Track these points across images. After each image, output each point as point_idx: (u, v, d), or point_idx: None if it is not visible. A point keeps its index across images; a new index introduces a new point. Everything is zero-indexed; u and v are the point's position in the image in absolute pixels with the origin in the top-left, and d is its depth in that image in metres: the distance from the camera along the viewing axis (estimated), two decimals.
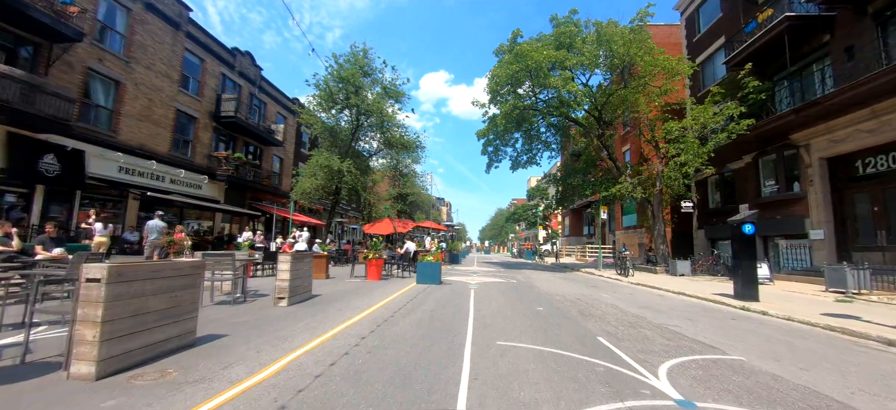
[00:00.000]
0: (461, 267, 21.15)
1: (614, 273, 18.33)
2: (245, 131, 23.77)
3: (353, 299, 8.90)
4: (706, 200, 21.15)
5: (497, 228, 78.97)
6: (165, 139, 19.28)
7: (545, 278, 16.11)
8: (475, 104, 21.70)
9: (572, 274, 19.18)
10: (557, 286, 13.10)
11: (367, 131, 23.20)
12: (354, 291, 10.17)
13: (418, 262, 12.09)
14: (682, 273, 17.61)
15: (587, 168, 22.33)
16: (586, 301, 9.75)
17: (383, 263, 13.23)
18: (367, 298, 9.08)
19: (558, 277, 16.93)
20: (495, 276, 16.17)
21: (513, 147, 23.49)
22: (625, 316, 7.81)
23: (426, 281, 11.92)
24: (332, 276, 13.54)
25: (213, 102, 22.01)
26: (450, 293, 10.39)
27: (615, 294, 11.54)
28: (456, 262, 23.16)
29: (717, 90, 17.34)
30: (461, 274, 17.00)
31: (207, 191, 21.57)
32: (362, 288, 10.77)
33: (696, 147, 17.32)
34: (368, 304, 8.22)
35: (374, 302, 8.57)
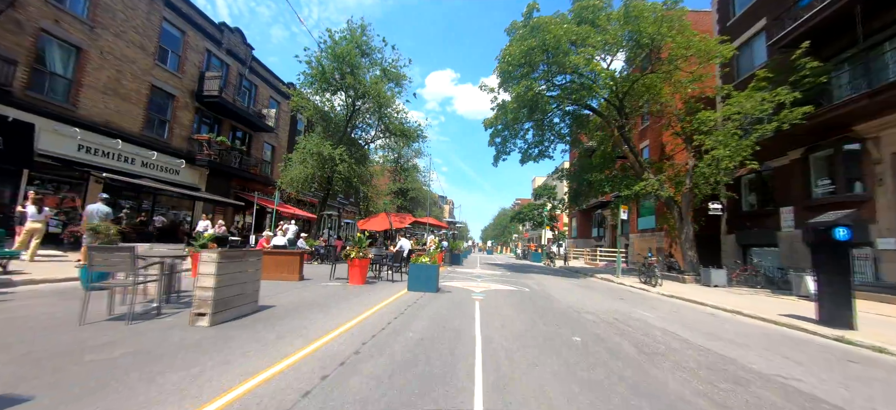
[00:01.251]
0: (463, 270, 18.59)
1: (637, 281, 15.75)
2: (232, 114, 21.32)
3: (315, 315, 6.36)
4: (737, 202, 18.47)
5: (500, 228, 76.20)
6: (137, 117, 16.87)
7: (561, 286, 13.53)
8: (483, 89, 19.14)
9: (588, 281, 16.58)
10: (580, 297, 10.53)
11: (364, 117, 20.68)
12: (323, 301, 7.64)
13: (411, 264, 9.56)
14: (717, 283, 14.98)
15: (604, 163, 19.70)
16: (627, 323, 7.18)
17: (369, 264, 10.72)
18: (336, 314, 6.55)
19: (575, 285, 14.35)
20: (503, 282, 13.61)
21: (523, 138, 20.91)
22: (701, 355, 5.22)
23: (420, 287, 9.39)
24: (308, 278, 11.03)
25: (195, 80, 19.58)
26: (448, 306, 7.84)
27: (655, 311, 8.95)
28: (457, 263, 20.67)
29: (764, 74, 14.67)
30: (463, 277, 14.45)
31: (186, 178, 19.14)
32: (336, 297, 8.24)
33: (736, 139, 14.69)
34: (331, 325, 5.68)
35: (342, 320, 6.04)
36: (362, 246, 10.18)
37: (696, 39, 16.22)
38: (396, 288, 9.98)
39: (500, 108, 19.54)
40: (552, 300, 9.61)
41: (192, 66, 19.40)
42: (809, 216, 14.82)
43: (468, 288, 10.96)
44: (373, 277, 11.74)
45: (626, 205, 18.36)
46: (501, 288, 11.30)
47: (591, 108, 19.06)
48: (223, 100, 19.88)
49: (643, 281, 15.12)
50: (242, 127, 22.79)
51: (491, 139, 20.75)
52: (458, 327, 5.96)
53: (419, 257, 9.71)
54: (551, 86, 17.36)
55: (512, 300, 9.15)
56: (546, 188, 36.41)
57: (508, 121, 19.56)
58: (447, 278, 13.66)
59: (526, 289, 11.44)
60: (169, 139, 18.42)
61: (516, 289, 11.36)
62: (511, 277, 15.76)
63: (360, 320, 6.12)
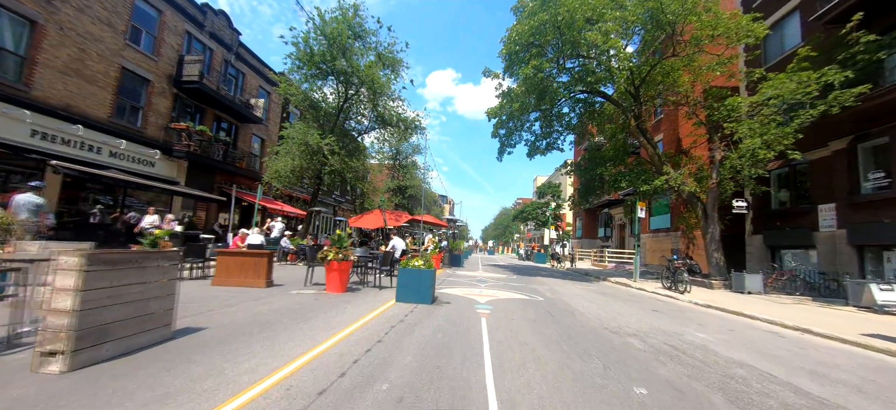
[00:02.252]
0: (464, 272, 16.57)
1: (659, 286, 13.74)
2: (216, 103, 19.33)
3: (256, 345, 4.36)
4: (765, 199, 16.45)
5: (501, 228, 74.02)
6: (104, 102, 14.88)
7: (577, 292, 11.52)
8: (487, 74, 17.15)
9: (604, 286, 14.58)
10: (606, 309, 8.51)
11: (358, 106, 18.68)
12: (279, 320, 5.65)
13: (399, 268, 7.55)
14: (751, 289, 12.97)
15: (618, 156, 17.68)
16: (687, 352, 5.18)
17: (351, 267, 8.72)
18: (285, 342, 4.55)
19: (592, 291, 12.34)
20: (510, 287, 11.61)
21: (529, 131, 18.91)
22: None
23: (411, 298, 7.39)
24: (279, 284, 9.05)
25: (173, 64, 17.59)
26: (446, 328, 5.82)
27: (706, 330, 6.95)
28: (458, 264, 18.68)
29: (806, 52, 12.66)
30: (464, 282, 12.44)
31: (162, 170, 17.16)
32: (299, 313, 6.24)
33: (774, 126, 12.70)
34: (267, 368, 3.68)
35: (288, 356, 4.03)
36: (342, 245, 8.19)
37: (725, 17, 14.22)
38: (383, 297, 7.99)
39: (504, 96, 17.55)
40: (575, 314, 7.60)
41: (169, 48, 17.42)
42: (855, 214, 12.85)
43: (471, 296, 8.96)
44: (357, 283, 9.75)
45: (644, 201, 16.34)
46: (510, 297, 9.29)
47: (606, 96, 17.05)
48: (205, 87, 17.90)
49: (668, 286, 13.11)
50: (228, 117, 20.80)
51: (494, 130, 18.76)
52: (459, 370, 3.93)
53: (411, 260, 7.71)
54: (562, 70, 15.33)
55: (527, 315, 7.14)
56: (550, 186, 34.40)
57: (513, 111, 17.56)
58: (446, 283, 11.66)
59: (539, 298, 9.43)
60: (143, 127, 16.44)
61: (528, 298, 9.35)
62: (518, 282, 13.75)
63: (316, 354, 4.12)
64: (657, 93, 17.51)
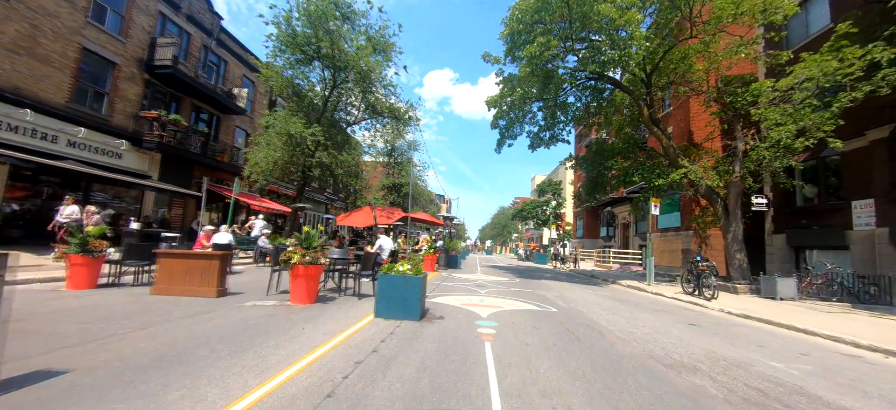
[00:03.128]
0: (461, 275, 14.85)
1: (679, 290, 12.08)
2: (193, 91, 17.56)
3: (129, 405, 2.64)
4: (788, 195, 14.84)
5: (499, 227, 72.22)
6: (62, 85, 13.12)
7: (592, 300, 9.82)
8: (487, 59, 15.47)
9: (617, 291, 12.92)
10: (636, 324, 6.82)
11: (347, 95, 16.94)
12: (200, 350, 3.93)
13: (379, 275, 5.82)
14: (783, 295, 11.33)
15: (628, 149, 16.01)
16: (781, 396, 3.50)
17: (324, 272, 7.00)
18: (186, 396, 2.83)
19: (608, 298, 10.65)
20: (515, 294, 9.90)
21: (531, 122, 17.26)
22: None
23: (394, 313, 5.67)
24: (237, 292, 7.32)
25: (144, 47, 15.81)
26: (436, 363, 4.08)
27: (768, 352, 5.30)
28: (454, 266, 16.99)
29: (846, 28, 11.04)
30: (462, 287, 10.72)
31: (132, 162, 15.39)
32: (241, 337, 4.52)
33: (809, 112, 11.08)
34: None
35: None
36: (311, 245, 6.46)
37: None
38: (361, 310, 6.28)
39: (505, 83, 15.88)
40: (603, 332, 5.90)
41: (140, 30, 15.63)
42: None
43: (469, 308, 7.24)
44: (334, 289, 8.02)
45: (658, 198, 14.69)
46: (517, 308, 7.58)
47: (616, 83, 15.38)
48: (179, 73, 16.13)
49: (691, 291, 11.45)
50: (207, 107, 19.02)
51: (494, 121, 17.08)
52: None
53: (395, 265, 5.99)
54: (569, 51, 13.65)
55: (543, 336, 5.43)
56: (550, 184, 32.73)
57: (515, 100, 15.89)
58: (441, 289, 9.94)
59: (552, 309, 7.72)
60: (108, 115, 14.66)
61: (538, 309, 7.65)
62: (522, 286, 12.05)
63: None
64: (669, 81, 15.86)
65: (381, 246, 9.96)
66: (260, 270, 11.96)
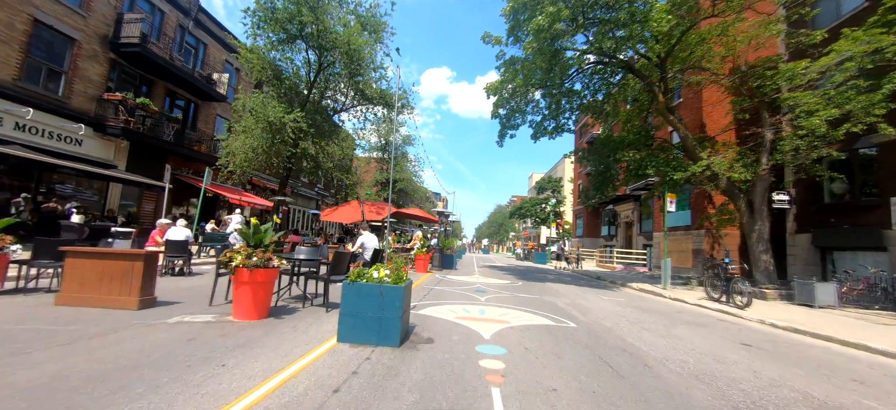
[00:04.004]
0: (457, 277, 13.23)
1: (700, 295, 10.51)
2: (167, 74, 15.83)
3: None
4: (814, 191, 13.35)
5: (495, 226, 70.57)
6: (8, 61, 11.43)
7: (611, 309, 8.24)
8: (486, 40, 13.86)
9: (632, 296, 11.36)
10: (679, 345, 5.24)
11: (335, 80, 15.28)
12: (44, 395, 2.28)
13: (344, 284, 4.20)
14: (822, 302, 9.82)
15: (640, 140, 14.44)
16: None
17: (280, 276, 5.37)
18: None
19: (627, 306, 9.08)
20: (520, 302, 8.31)
21: (535, 110, 15.71)
22: None
23: (364, 336, 4.06)
24: (170, 301, 5.68)
25: (109, 23, 14.09)
26: None
27: (865, 389, 3.75)
28: (450, 266, 15.37)
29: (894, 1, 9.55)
30: (458, 294, 9.09)
31: (93, 150, 13.69)
32: (128, 377, 2.92)
33: (854, 94, 9.57)
34: None
35: None
36: (259, 241, 4.86)
37: None
38: (322, 329, 4.66)
39: (507, 67, 14.30)
40: (648, 363, 4.31)
41: (104, 4, 13.90)
42: None
43: (468, 324, 5.62)
44: (297, 297, 6.39)
45: (674, 193, 13.16)
46: (527, 323, 5.97)
47: (629, 66, 13.81)
48: (148, 53, 14.42)
49: (718, 297, 9.91)
50: (184, 93, 17.29)
51: (494, 109, 15.49)
52: None
53: (370, 269, 4.37)
54: (579, 28, 12.05)
55: (571, 373, 3.82)
56: (550, 181, 31.21)
57: (517, 88, 14.33)
58: (433, 294, 8.33)
59: (569, 323, 6.12)
60: (66, 96, 12.94)
61: (555, 324, 6.05)
62: (527, 290, 10.46)
63: None
64: (683, 67, 14.31)
65: (364, 245, 8.35)
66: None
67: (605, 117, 16.14)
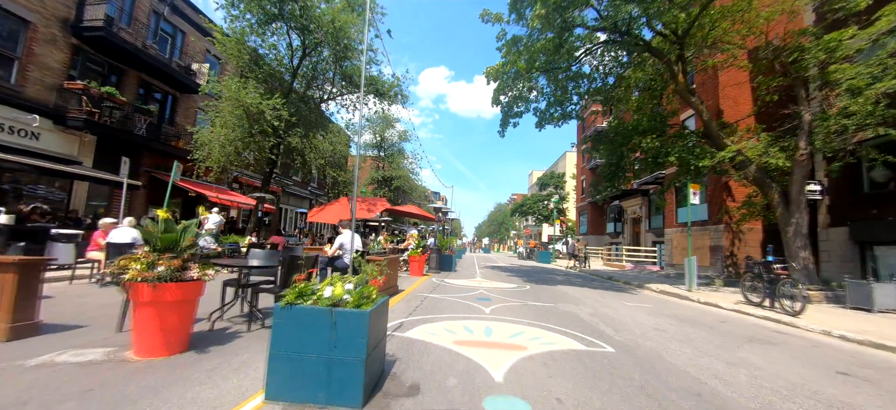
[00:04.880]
0: (457, 281, 11.65)
1: (736, 298, 8.96)
2: (139, 63, 14.30)
3: None
4: (851, 180, 11.81)
5: (496, 224, 68.74)
6: None
7: (647, 322, 6.67)
8: (485, 19, 12.33)
9: (658, 300, 9.82)
10: (757, 377, 3.71)
11: (322, 66, 13.71)
12: None
13: (277, 308, 2.68)
14: (882, 306, 8.29)
15: (655, 126, 12.86)
16: None
17: (201, 288, 3.82)
18: None
19: (665, 317, 7.52)
20: (534, 314, 6.76)
21: (539, 96, 14.18)
22: None
23: (306, 391, 2.53)
24: (63, 326, 4.12)
25: (70, 5, 12.55)
26: None
27: None
28: (448, 268, 13.80)
29: None
30: (457, 303, 7.50)
31: (53, 144, 12.13)
32: None
33: None
34: None
35: None
36: (172, 243, 3.32)
37: None
38: (252, 376, 3.13)
39: (509, 47, 12.78)
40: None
41: None
42: None
43: (471, 354, 4.02)
44: (242, 317, 4.83)
45: (698, 183, 11.63)
46: (551, 349, 4.38)
47: (645, 44, 12.26)
48: (115, 38, 12.88)
49: (760, 301, 8.37)
50: (159, 84, 15.73)
51: (495, 96, 13.96)
52: None
53: (322, 284, 2.84)
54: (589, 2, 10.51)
55: None
56: (553, 176, 29.67)
57: (519, 71, 12.79)
58: (427, 306, 6.78)
59: (605, 348, 4.53)
60: (19, 84, 11.39)
61: (586, 349, 4.49)
62: (538, 296, 8.91)
63: None
64: (706, 43, 12.76)
65: (343, 246, 6.81)
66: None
67: (616, 104, 14.61)
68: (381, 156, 27.73)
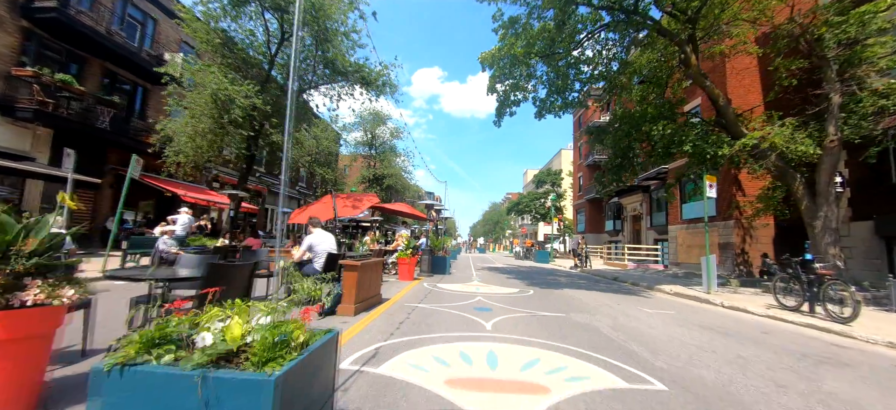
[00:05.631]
0: (451, 286, 10.36)
1: (767, 299, 7.80)
2: (103, 50, 12.91)
3: None
4: (877, 170, 10.75)
5: (491, 224, 67.40)
6: None
7: (681, 336, 5.44)
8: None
9: (677, 305, 8.63)
10: None
11: (302, 52, 12.39)
12: None
13: (94, 373, 1.45)
14: None
15: (665, 113, 11.71)
16: None
17: (55, 318, 2.55)
18: None
19: (692, 327, 6.30)
20: (545, 327, 5.52)
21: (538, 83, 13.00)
22: None
23: None
24: None
25: None
26: None
27: None
28: (442, 271, 12.49)
29: None
30: (452, 317, 6.18)
31: (3, 139, 10.74)
32: None
33: None
34: None
35: None
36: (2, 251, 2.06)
37: None
38: None
39: (506, 30, 11.59)
40: None
41: None
42: None
43: (469, 407, 2.84)
44: None
45: (714, 175, 10.49)
46: (582, 388, 3.18)
47: (655, 23, 11.12)
48: (72, 21, 11.51)
49: (796, 305, 7.23)
50: (127, 74, 14.31)
51: (491, 83, 12.75)
52: None
53: (203, 316, 1.59)
54: None
55: None
56: (549, 173, 28.54)
57: (517, 57, 11.60)
58: (413, 322, 5.49)
59: (653, 384, 3.30)
60: None
61: (628, 387, 3.28)
62: (545, 303, 7.69)
63: None
64: (715, 27, 11.67)
65: (312, 247, 5.54)
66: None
67: (619, 92, 13.48)
68: (372, 154, 26.41)
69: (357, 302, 5.26)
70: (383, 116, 25.26)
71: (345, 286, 5.21)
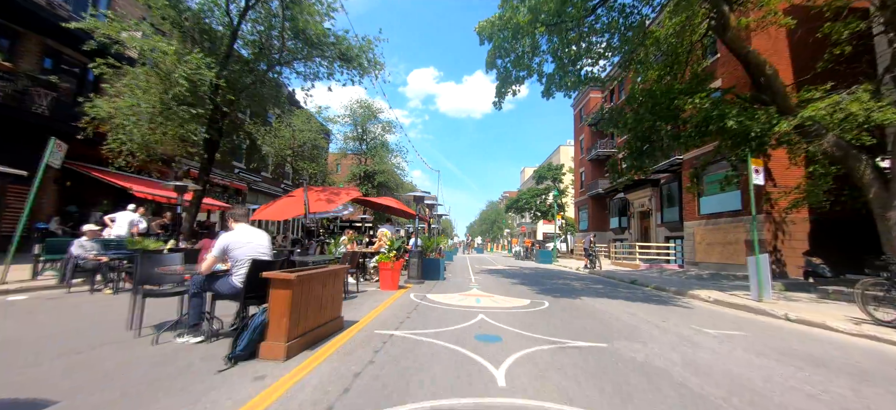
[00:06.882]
0: (444, 298, 8.35)
1: (843, 313, 5.87)
2: (40, 24, 10.89)
3: None
4: None
5: (488, 223, 65.00)
6: None
7: (801, 388, 3.56)
8: None
9: (724, 316, 6.69)
10: None
11: (268, 21, 10.37)
12: None
13: None
14: None
15: (694, 87, 9.77)
16: None
17: None
18: None
19: (784, 361, 4.37)
20: (583, 374, 3.61)
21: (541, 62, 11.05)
22: None
23: None
24: None
25: None
26: None
27: None
28: (436, 276, 10.42)
29: None
30: (443, 364, 3.67)
31: None
32: None
33: None
34: None
35: None
36: None
37: None
38: None
39: None
40: None
41: None
42: None
43: None
44: None
45: (760, 159, 8.56)
46: None
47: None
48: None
49: (884, 318, 5.35)
50: (73, 53, 12.27)
51: (489, 59, 10.81)
52: None
53: None
54: None
55: None
56: (550, 168, 26.57)
57: (520, 27, 9.67)
58: (371, 379, 3.51)
59: None
60: None
61: None
62: (571, 324, 5.73)
63: None
64: None
65: (228, 250, 3.57)
66: (62, 300, 5.48)
67: (636, 68, 11.59)
68: (363, 150, 24.40)
69: (292, 337, 3.29)
70: (375, 110, 23.33)
71: (272, 312, 3.24)
